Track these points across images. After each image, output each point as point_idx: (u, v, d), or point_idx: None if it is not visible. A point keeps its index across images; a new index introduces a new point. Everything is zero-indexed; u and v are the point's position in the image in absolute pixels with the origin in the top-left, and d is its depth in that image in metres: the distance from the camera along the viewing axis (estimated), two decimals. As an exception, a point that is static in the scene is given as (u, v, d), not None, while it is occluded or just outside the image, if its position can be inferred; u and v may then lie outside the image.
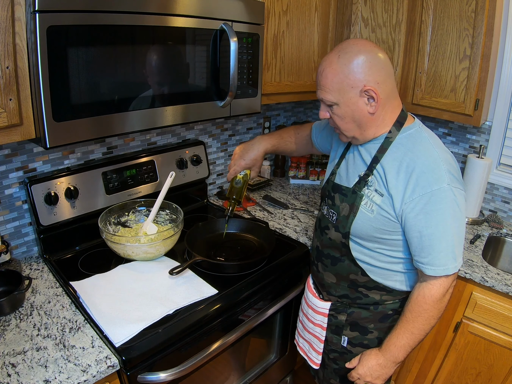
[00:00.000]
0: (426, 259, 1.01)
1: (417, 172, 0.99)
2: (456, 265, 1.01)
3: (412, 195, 0.99)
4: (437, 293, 1.02)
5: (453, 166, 1.02)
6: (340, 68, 0.99)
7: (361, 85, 0.98)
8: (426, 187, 0.98)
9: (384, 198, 1.04)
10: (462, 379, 1.61)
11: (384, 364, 1.10)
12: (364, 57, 0.98)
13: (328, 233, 1.18)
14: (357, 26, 1.80)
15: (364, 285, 1.15)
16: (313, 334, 1.30)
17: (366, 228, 1.08)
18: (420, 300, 1.04)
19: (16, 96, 0.97)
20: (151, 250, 1.36)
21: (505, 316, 1.43)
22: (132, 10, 1.08)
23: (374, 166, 1.07)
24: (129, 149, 1.67)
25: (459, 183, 1.01)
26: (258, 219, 1.74)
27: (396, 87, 1.07)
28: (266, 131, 2.30)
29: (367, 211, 1.07)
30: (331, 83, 1.01)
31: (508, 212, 1.88)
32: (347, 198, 1.11)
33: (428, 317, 1.04)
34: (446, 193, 0.97)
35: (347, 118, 1.04)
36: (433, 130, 2.00)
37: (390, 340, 1.09)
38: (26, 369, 0.96)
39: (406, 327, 1.06)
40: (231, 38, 1.29)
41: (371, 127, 1.06)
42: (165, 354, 1.10)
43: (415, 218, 1.00)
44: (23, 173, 1.38)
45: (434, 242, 0.99)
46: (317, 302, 1.27)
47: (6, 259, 1.32)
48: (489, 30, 1.46)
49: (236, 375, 1.52)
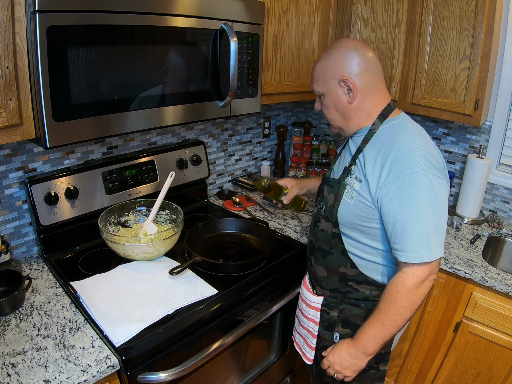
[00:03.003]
0: (398, 245, 1.01)
1: (392, 157, 1.01)
2: (431, 254, 0.98)
3: (386, 179, 1.01)
4: (409, 282, 1.00)
5: (432, 154, 1.02)
6: (324, 60, 1.11)
7: (339, 75, 1.08)
8: (399, 172, 0.99)
9: (362, 184, 1.07)
10: (462, 379, 1.61)
11: (354, 354, 1.10)
12: (346, 51, 1.08)
13: (320, 225, 1.21)
14: (357, 26, 1.80)
15: (354, 279, 1.16)
16: (307, 329, 1.32)
17: (348, 215, 1.11)
18: (392, 288, 1.03)
19: (16, 96, 0.97)
20: (151, 250, 1.36)
21: (505, 316, 1.43)
22: (132, 10, 1.08)
23: (357, 156, 1.11)
24: (129, 149, 1.67)
25: (438, 171, 1.01)
26: (258, 219, 1.74)
27: (383, 84, 1.13)
28: (266, 131, 2.30)
29: (348, 198, 1.11)
30: (317, 74, 1.13)
31: (508, 212, 1.88)
32: (333, 189, 1.15)
33: (399, 307, 1.02)
34: (420, 178, 0.97)
35: (331, 107, 1.14)
36: (433, 130, 2.03)
37: (362, 329, 1.09)
38: (26, 369, 0.96)
39: (378, 316, 1.05)
40: (231, 38, 1.28)
41: (353, 118, 1.12)
42: (165, 354, 1.10)
43: (389, 203, 1.01)
44: (23, 173, 1.38)
45: (407, 228, 0.99)
46: (310, 296, 1.29)
47: (6, 259, 1.32)
48: (489, 30, 1.46)
49: (236, 375, 1.52)
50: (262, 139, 2.32)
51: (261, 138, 2.30)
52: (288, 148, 2.50)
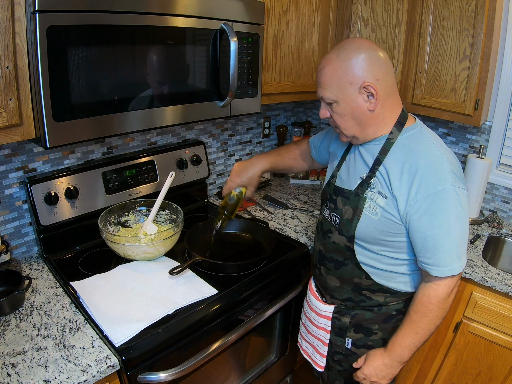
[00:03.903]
0: (431, 260, 1.01)
1: (421, 172, 0.98)
2: (461, 265, 1.01)
3: (416, 196, 0.98)
4: (442, 293, 1.02)
5: (455, 165, 1.02)
6: (339, 65, 0.99)
7: (360, 81, 0.98)
8: (430, 188, 0.97)
9: (388, 200, 1.03)
10: (462, 379, 1.61)
11: (389, 364, 1.10)
12: (363, 54, 0.98)
13: (332, 237, 1.17)
14: (357, 26, 1.80)
15: (368, 288, 1.15)
16: (317, 337, 1.30)
17: (371, 231, 1.07)
18: (425, 300, 1.04)
19: (16, 96, 0.97)
20: (151, 250, 1.36)
21: (505, 316, 1.42)
22: (132, 10, 1.08)
23: (377, 168, 1.06)
24: (129, 149, 1.67)
25: (462, 183, 1.01)
26: (258, 219, 1.74)
27: (396, 86, 1.07)
28: (266, 131, 2.30)
29: (371, 214, 1.06)
30: (330, 80, 1.01)
31: (508, 212, 1.88)
32: (350, 201, 1.10)
33: (433, 317, 1.04)
34: (450, 194, 0.97)
35: (347, 115, 1.04)
36: (433, 130, 2.02)
37: (396, 340, 1.09)
38: (26, 369, 0.96)
39: (411, 327, 1.06)
40: (231, 38, 1.28)
41: (371, 126, 1.05)
42: (165, 354, 1.10)
43: (420, 219, 0.99)
44: (23, 173, 1.38)
45: (439, 243, 0.99)
46: (320, 305, 1.26)
47: (6, 259, 1.32)
48: (489, 30, 1.46)
49: (236, 375, 1.52)
50: (262, 139, 2.32)
51: (261, 138, 2.30)
52: (288, 148, 2.50)
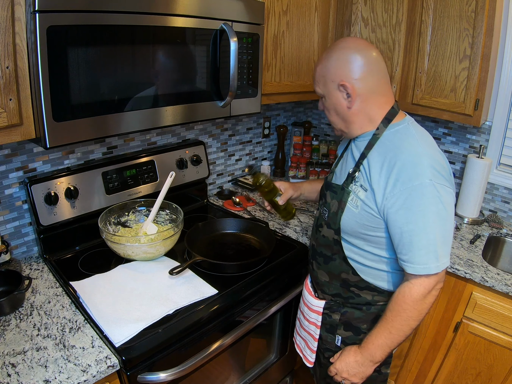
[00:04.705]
0: (406, 257, 1.00)
1: (399, 166, 0.98)
2: (439, 265, 0.98)
3: (393, 190, 0.98)
4: (417, 293, 1.00)
5: (439, 163, 1.00)
6: (324, 62, 1.06)
7: (339, 80, 1.03)
8: (407, 182, 0.96)
9: (368, 193, 1.04)
10: (462, 379, 1.61)
11: (361, 362, 1.10)
12: (346, 53, 1.02)
13: (322, 231, 1.19)
14: (357, 26, 1.80)
15: (356, 284, 1.15)
16: (308, 332, 1.31)
17: (352, 224, 1.08)
18: (400, 299, 1.02)
19: (16, 96, 0.97)
20: (151, 250, 1.36)
21: (505, 316, 1.43)
22: (132, 10, 1.08)
23: (361, 162, 1.08)
24: (129, 149, 1.67)
25: (446, 181, 0.98)
26: (258, 219, 1.74)
27: (387, 85, 1.07)
28: (266, 131, 2.30)
29: (352, 207, 1.08)
30: (318, 76, 1.09)
31: (508, 212, 1.88)
32: (337, 195, 1.12)
33: (407, 317, 1.02)
34: (428, 189, 0.95)
35: (332, 111, 1.11)
36: (433, 130, 2.02)
37: (369, 338, 1.09)
38: (26, 369, 0.96)
39: (385, 326, 1.05)
40: (231, 38, 1.28)
41: (355, 122, 1.08)
42: (165, 354, 1.10)
43: (396, 214, 0.99)
44: (23, 173, 1.38)
45: (414, 239, 0.97)
46: (312, 300, 1.28)
47: (6, 259, 1.32)
48: (489, 30, 1.46)
49: (236, 375, 1.52)
50: (262, 139, 2.32)
51: (261, 138, 2.31)
52: (288, 148, 2.50)
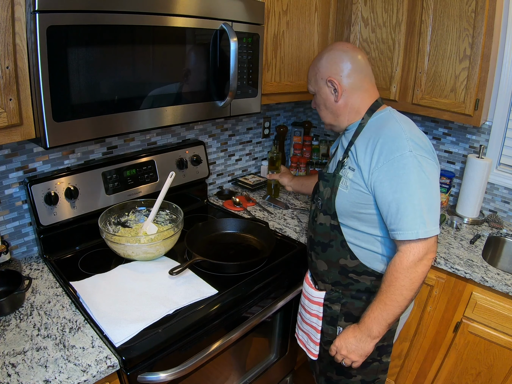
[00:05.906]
0: (395, 225, 1.04)
1: (381, 142, 1.06)
2: (427, 231, 1.01)
3: (377, 164, 1.06)
4: (407, 260, 1.03)
5: (418, 137, 1.07)
6: (315, 62, 1.20)
7: (326, 76, 1.16)
8: (388, 155, 1.04)
9: (355, 172, 1.12)
10: (462, 379, 1.61)
11: (359, 337, 1.11)
12: (334, 54, 1.16)
13: (317, 220, 1.24)
14: (357, 26, 1.80)
15: (354, 270, 1.19)
16: (310, 325, 1.33)
17: (345, 204, 1.15)
18: (391, 268, 1.06)
19: (16, 96, 0.97)
20: (151, 250, 1.36)
21: (505, 316, 1.43)
22: (132, 10, 1.08)
23: (349, 149, 1.17)
24: (129, 149, 1.67)
25: (426, 152, 1.05)
26: (258, 219, 1.74)
27: (371, 83, 1.18)
28: (266, 131, 2.30)
29: (343, 188, 1.15)
30: (310, 75, 1.23)
31: (508, 212, 1.88)
32: (329, 183, 1.20)
33: (399, 286, 1.04)
34: (408, 159, 1.02)
35: (322, 105, 1.22)
36: (433, 130, 2.03)
37: (366, 312, 1.11)
38: (26, 369, 0.96)
39: (380, 298, 1.08)
40: (231, 38, 1.29)
41: (342, 114, 1.19)
42: (165, 354, 1.10)
43: (381, 186, 1.05)
44: (23, 173, 1.38)
45: (401, 207, 1.02)
46: (312, 291, 1.30)
47: (6, 259, 1.32)
48: (489, 30, 1.46)
49: (236, 375, 1.52)
50: (262, 139, 2.32)
51: (261, 138, 2.30)
52: (288, 148, 2.51)
